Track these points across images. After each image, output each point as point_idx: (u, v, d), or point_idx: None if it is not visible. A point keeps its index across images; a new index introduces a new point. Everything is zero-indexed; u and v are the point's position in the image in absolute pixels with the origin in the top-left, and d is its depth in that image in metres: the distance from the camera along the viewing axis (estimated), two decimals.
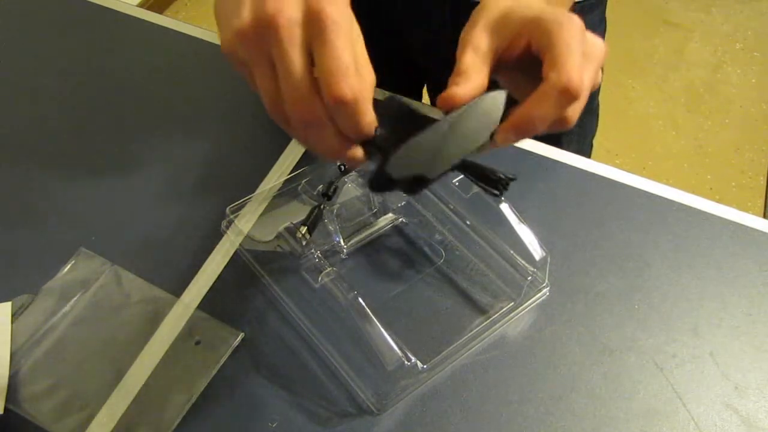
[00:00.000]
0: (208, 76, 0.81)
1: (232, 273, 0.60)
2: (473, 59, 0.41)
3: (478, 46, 0.41)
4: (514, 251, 0.60)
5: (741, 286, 0.59)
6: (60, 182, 0.69)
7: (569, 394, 0.53)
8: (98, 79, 0.80)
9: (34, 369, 0.54)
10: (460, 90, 0.40)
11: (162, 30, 0.87)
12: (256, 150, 0.71)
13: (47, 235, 0.64)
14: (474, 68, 0.41)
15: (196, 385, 0.53)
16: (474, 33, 0.42)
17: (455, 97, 0.39)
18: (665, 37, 2.40)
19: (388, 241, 0.63)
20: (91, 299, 0.58)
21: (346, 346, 0.54)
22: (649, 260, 0.61)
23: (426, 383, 0.53)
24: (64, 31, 0.87)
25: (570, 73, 0.37)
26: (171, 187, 0.68)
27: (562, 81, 0.37)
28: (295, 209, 0.62)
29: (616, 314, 0.57)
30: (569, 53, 0.38)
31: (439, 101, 0.40)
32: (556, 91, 0.38)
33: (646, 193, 0.66)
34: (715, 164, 1.98)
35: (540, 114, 0.38)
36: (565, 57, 0.38)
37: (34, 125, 0.75)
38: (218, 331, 0.56)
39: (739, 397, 0.53)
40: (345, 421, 0.51)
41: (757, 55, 2.33)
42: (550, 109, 0.38)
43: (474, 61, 0.41)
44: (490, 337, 0.56)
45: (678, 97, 2.19)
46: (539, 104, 0.38)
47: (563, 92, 0.37)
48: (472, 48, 0.41)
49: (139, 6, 0.92)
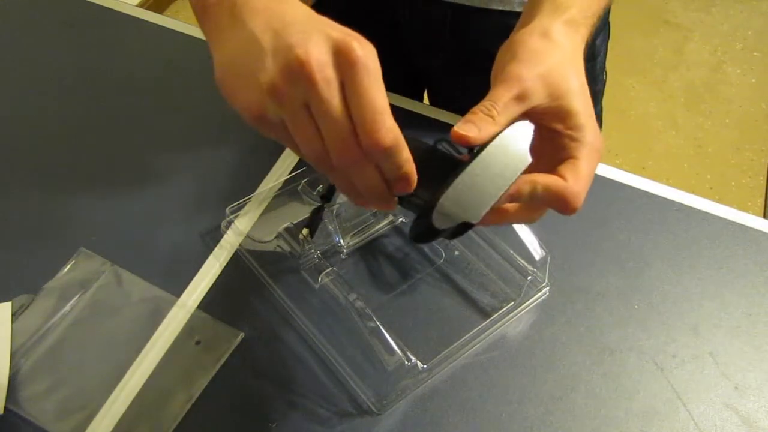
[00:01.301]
0: (208, 76, 0.80)
1: (232, 273, 0.60)
2: (501, 103, 0.41)
3: (503, 100, 0.41)
4: (514, 251, 0.60)
5: (741, 286, 0.59)
6: (60, 182, 0.69)
7: (569, 394, 0.53)
8: (98, 79, 0.80)
9: (34, 369, 0.54)
10: (477, 132, 0.40)
11: (162, 30, 0.87)
12: (256, 150, 0.71)
13: (47, 235, 0.64)
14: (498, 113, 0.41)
15: (196, 385, 0.53)
16: (502, 91, 0.41)
17: (474, 140, 0.39)
18: (665, 37, 2.40)
19: (388, 241, 0.63)
20: (91, 299, 0.58)
21: (346, 346, 0.54)
22: (649, 260, 0.61)
23: (426, 383, 0.53)
24: (64, 31, 0.87)
25: (580, 198, 0.42)
26: (171, 187, 0.68)
27: (572, 201, 0.41)
28: (295, 209, 0.62)
29: (616, 314, 0.57)
30: (587, 178, 0.42)
31: (459, 139, 0.40)
32: (562, 196, 0.41)
33: (646, 193, 0.66)
34: (715, 164, 1.98)
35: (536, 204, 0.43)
36: (584, 182, 0.42)
37: (34, 125, 0.75)
38: (218, 331, 0.56)
39: (739, 397, 0.53)
40: (345, 421, 0.51)
41: (757, 55, 2.33)
42: (545, 205, 0.43)
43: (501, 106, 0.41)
44: (490, 337, 0.56)
45: (678, 97, 2.18)
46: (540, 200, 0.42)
47: (566, 205, 0.41)
48: (499, 97, 0.41)
49: (139, 6, 0.92)
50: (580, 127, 0.42)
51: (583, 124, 0.42)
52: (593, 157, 0.43)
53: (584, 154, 0.42)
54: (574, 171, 0.42)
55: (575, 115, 0.42)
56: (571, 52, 0.44)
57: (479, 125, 0.39)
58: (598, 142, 0.43)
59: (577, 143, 0.42)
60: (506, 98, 0.41)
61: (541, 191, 0.41)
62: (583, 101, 0.43)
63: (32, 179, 0.69)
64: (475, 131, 0.39)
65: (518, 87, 0.41)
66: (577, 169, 0.42)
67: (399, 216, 0.64)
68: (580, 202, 0.42)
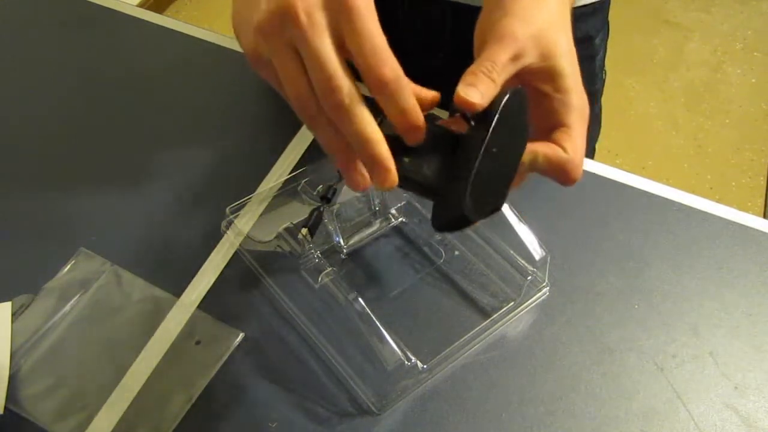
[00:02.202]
0: (209, 76, 0.81)
1: (232, 273, 0.60)
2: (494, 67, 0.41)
3: (501, 60, 0.41)
4: (514, 251, 0.60)
5: (741, 286, 0.59)
6: (60, 182, 0.69)
7: (569, 394, 0.53)
8: (98, 79, 0.80)
9: (34, 369, 0.54)
10: (481, 97, 0.39)
11: (162, 30, 0.87)
12: (256, 150, 0.71)
13: (47, 235, 0.64)
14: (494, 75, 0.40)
15: (196, 385, 0.53)
16: (496, 51, 0.41)
17: (479, 106, 0.39)
18: (665, 37, 2.40)
19: (388, 241, 0.63)
20: (91, 299, 0.58)
21: (346, 346, 0.54)
22: (649, 260, 0.61)
23: (426, 383, 0.53)
24: (64, 31, 0.87)
25: (580, 168, 0.42)
26: (171, 187, 0.68)
27: (573, 172, 0.42)
28: (295, 209, 0.62)
29: (616, 314, 0.57)
30: (582, 147, 0.43)
31: (464, 104, 0.39)
32: (564, 168, 0.42)
33: (646, 193, 0.66)
34: (715, 164, 1.98)
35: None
36: (581, 151, 0.43)
37: (34, 125, 0.75)
38: (218, 331, 0.56)
39: (739, 397, 0.53)
40: (345, 421, 0.51)
41: (757, 55, 2.33)
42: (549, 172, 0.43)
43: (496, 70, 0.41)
44: (490, 337, 0.56)
45: (678, 97, 2.19)
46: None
47: (567, 176, 0.42)
48: (491, 59, 0.41)
49: (139, 6, 0.92)
50: (568, 90, 0.42)
51: (571, 87, 0.42)
52: (583, 123, 0.43)
53: (576, 120, 0.43)
54: (571, 141, 0.42)
55: (564, 77, 0.42)
56: (559, 11, 0.44)
57: (481, 89, 0.39)
58: (586, 108, 0.43)
59: (567, 108, 0.42)
60: (504, 59, 0.40)
61: (542, 162, 0.41)
62: (571, 63, 0.43)
63: (32, 179, 0.69)
64: (479, 97, 0.38)
65: (514, 47, 0.40)
66: (573, 139, 0.42)
67: (399, 216, 0.64)
68: (581, 172, 0.43)
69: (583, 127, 0.43)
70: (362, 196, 0.64)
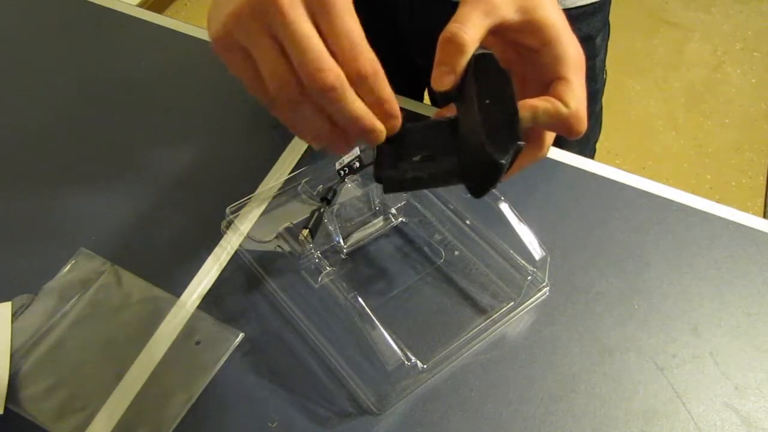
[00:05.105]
0: (208, 76, 0.81)
1: (232, 273, 0.60)
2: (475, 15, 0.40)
3: (471, 19, 0.40)
4: (514, 251, 0.60)
5: (741, 286, 0.59)
6: (60, 182, 0.69)
7: (569, 394, 0.53)
8: (98, 79, 0.80)
9: (34, 369, 0.54)
10: (457, 75, 0.39)
11: (162, 30, 0.87)
12: (256, 150, 0.71)
13: (47, 235, 0.64)
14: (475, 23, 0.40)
15: (196, 385, 0.53)
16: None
17: (456, 83, 0.39)
18: (665, 37, 2.40)
19: (388, 241, 0.63)
20: (91, 299, 0.58)
21: (346, 346, 0.54)
22: (649, 260, 0.61)
23: (426, 383, 0.53)
24: (64, 31, 0.87)
25: (584, 120, 0.41)
26: (171, 187, 0.68)
27: (577, 125, 0.41)
28: (295, 209, 0.62)
29: (616, 314, 0.57)
30: (584, 97, 0.41)
31: (442, 88, 0.39)
32: (567, 121, 0.40)
33: (646, 193, 0.66)
34: (715, 164, 1.98)
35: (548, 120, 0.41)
36: (583, 102, 0.41)
37: (34, 125, 0.75)
38: (218, 331, 0.56)
39: (739, 397, 0.53)
40: (345, 421, 0.51)
41: (757, 55, 2.33)
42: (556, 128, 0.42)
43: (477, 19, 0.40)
44: (490, 337, 0.56)
45: (678, 97, 2.19)
46: None
47: (571, 129, 0.41)
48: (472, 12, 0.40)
49: (139, 6, 0.92)
50: (556, 40, 0.41)
51: (559, 36, 0.41)
52: (581, 73, 0.42)
53: (572, 71, 0.41)
54: (572, 93, 0.41)
55: (549, 27, 0.41)
56: None
57: (452, 65, 0.39)
58: (580, 57, 0.42)
59: (560, 60, 0.41)
60: (474, 16, 0.40)
61: (543, 117, 0.40)
62: (555, 12, 0.41)
63: (32, 179, 0.69)
64: (452, 78, 0.39)
65: (484, 2, 0.40)
66: (574, 91, 0.41)
67: (399, 216, 0.64)
68: (585, 124, 0.41)
69: (581, 77, 0.42)
70: (362, 196, 0.64)
